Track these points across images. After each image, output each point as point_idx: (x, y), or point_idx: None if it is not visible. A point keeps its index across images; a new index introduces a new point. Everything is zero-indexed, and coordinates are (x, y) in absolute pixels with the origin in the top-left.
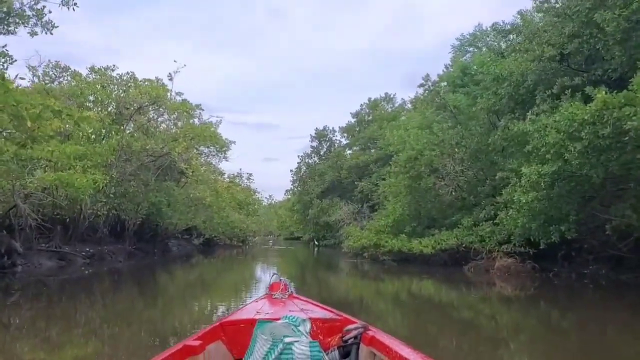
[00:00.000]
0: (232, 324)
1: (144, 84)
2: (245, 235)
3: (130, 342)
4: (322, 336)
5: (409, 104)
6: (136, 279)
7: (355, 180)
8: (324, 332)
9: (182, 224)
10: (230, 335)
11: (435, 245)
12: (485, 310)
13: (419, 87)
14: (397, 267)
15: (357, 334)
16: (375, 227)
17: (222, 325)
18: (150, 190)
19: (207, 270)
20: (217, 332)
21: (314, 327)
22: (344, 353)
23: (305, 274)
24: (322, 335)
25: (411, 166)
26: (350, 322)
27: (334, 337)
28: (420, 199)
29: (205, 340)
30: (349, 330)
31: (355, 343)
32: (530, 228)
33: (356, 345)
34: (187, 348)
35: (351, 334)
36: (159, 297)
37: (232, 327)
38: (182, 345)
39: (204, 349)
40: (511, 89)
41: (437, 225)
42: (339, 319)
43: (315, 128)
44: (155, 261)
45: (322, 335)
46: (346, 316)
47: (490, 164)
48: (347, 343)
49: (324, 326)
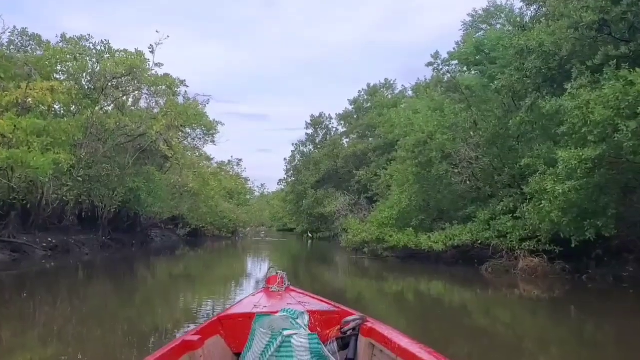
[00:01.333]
0: (230, 319)
1: (120, 54)
2: (236, 226)
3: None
4: (320, 328)
5: (410, 91)
6: (106, 274)
7: (352, 170)
8: (323, 325)
9: (165, 212)
10: (228, 329)
11: (446, 241)
12: (506, 317)
13: (427, 65)
14: (402, 264)
15: (355, 325)
16: (377, 219)
17: (221, 320)
18: (127, 174)
19: (192, 263)
20: (215, 326)
21: (312, 319)
22: (342, 345)
23: (299, 270)
24: (320, 328)
25: (420, 151)
26: (348, 314)
27: (333, 329)
28: (429, 188)
29: (204, 335)
30: (348, 322)
31: (354, 335)
32: (560, 223)
33: (355, 336)
34: (186, 343)
35: (350, 326)
36: (131, 296)
37: (230, 321)
38: (180, 340)
39: (203, 344)
40: (539, 62)
41: (447, 218)
42: (337, 311)
43: (310, 115)
44: (133, 253)
45: (321, 328)
46: (344, 308)
47: (508, 150)
48: (345, 335)
49: (322, 318)
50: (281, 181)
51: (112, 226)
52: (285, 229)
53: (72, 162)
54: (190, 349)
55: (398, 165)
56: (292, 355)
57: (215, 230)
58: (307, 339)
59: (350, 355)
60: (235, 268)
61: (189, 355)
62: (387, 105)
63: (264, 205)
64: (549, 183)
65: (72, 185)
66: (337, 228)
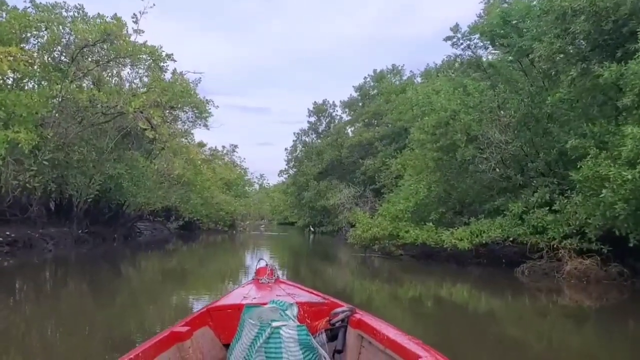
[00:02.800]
0: (219, 310)
1: (96, 20)
2: (234, 220)
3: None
4: (309, 320)
5: (419, 78)
6: (74, 273)
7: (356, 160)
8: (312, 316)
9: (157, 203)
10: (217, 320)
11: (472, 238)
12: (548, 332)
13: (445, 40)
14: (418, 264)
15: (344, 317)
16: (390, 212)
17: (210, 311)
18: (106, 159)
19: (180, 260)
20: (204, 317)
21: (301, 311)
22: (331, 336)
23: (300, 270)
24: (309, 319)
25: (442, 133)
26: (337, 306)
27: (322, 320)
28: (452, 176)
29: (192, 326)
30: (336, 314)
31: (342, 326)
32: (617, 217)
33: (343, 328)
34: (175, 334)
35: (338, 317)
36: (95, 301)
37: (219, 312)
38: (169, 331)
39: (192, 335)
40: (589, 25)
41: (470, 211)
42: (326, 303)
43: (313, 101)
44: (114, 249)
45: (310, 319)
46: (333, 300)
47: (542, 133)
48: (334, 326)
49: (311, 310)
50: (282, 172)
51: (89, 218)
52: (286, 223)
53: (36, 142)
54: (178, 340)
55: (416, 150)
56: (281, 346)
57: (211, 224)
58: (295, 330)
59: (339, 347)
60: (227, 266)
61: (177, 347)
62: (395, 92)
63: (264, 197)
64: (608, 168)
65: (38, 170)
66: (341, 222)
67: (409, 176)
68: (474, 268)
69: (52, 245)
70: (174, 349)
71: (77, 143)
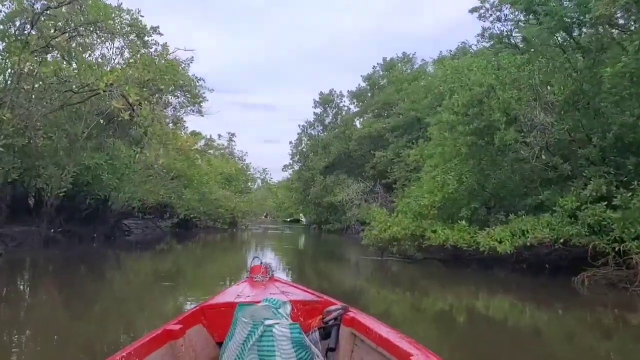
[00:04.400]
0: (212, 308)
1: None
2: (234, 217)
3: None
4: (302, 318)
5: (431, 67)
6: (32, 280)
7: (366, 153)
8: (305, 314)
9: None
10: (210, 319)
11: (514, 240)
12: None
13: (471, 11)
14: (445, 270)
15: (337, 315)
16: (412, 208)
17: (203, 309)
18: (82, 148)
19: (171, 262)
20: (197, 316)
21: (294, 309)
22: (324, 334)
23: (307, 275)
24: (302, 317)
25: (476, 113)
26: (331, 304)
27: (315, 318)
28: (488, 165)
29: (185, 324)
30: (330, 312)
31: (335, 324)
32: None
33: (336, 326)
34: (167, 332)
35: (331, 315)
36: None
37: (212, 310)
38: (161, 330)
39: (184, 333)
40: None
41: (505, 206)
42: (319, 301)
43: (319, 92)
44: (93, 250)
45: (303, 317)
46: (327, 298)
47: (595, 113)
48: (327, 324)
49: (304, 308)
50: (286, 167)
51: (63, 215)
52: (291, 220)
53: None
54: (171, 338)
55: (445, 133)
56: (273, 344)
57: (209, 221)
58: (288, 329)
59: (332, 345)
60: (221, 271)
61: (170, 345)
62: (408, 80)
63: (267, 193)
64: None
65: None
66: (350, 219)
67: (429, 167)
68: (515, 275)
69: (15, 247)
70: (166, 347)
71: (44, 128)
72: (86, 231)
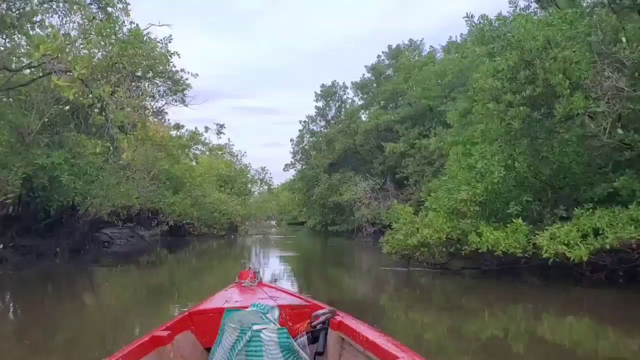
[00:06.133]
0: (200, 314)
1: None
2: (232, 222)
3: None
4: (290, 323)
5: (440, 53)
6: None
7: (373, 148)
8: (293, 319)
9: (140, 204)
10: (199, 324)
11: (589, 243)
12: None
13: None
14: (490, 283)
15: (325, 319)
16: (445, 205)
17: (191, 315)
18: (34, 143)
19: (151, 280)
20: (185, 322)
21: (282, 314)
22: (312, 339)
23: (317, 291)
24: (290, 322)
25: (529, 76)
26: (318, 308)
27: (303, 323)
28: (544, 146)
29: (173, 330)
30: (317, 316)
31: (323, 328)
32: None
33: (324, 330)
34: (155, 339)
35: (319, 320)
36: None
37: (200, 316)
38: (150, 336)
39: (173, 339)
40: None
41: (562, 198)
42: (307, 305)
43: (321, 84)
44: (54, 268)
45: (291, 322)
46: (315, 302)
47: None
48: (315, 329)
49: (292, 313)
50: (288, 166)
51: (17, 227)
52: (295, 223)
53: None
54: (159, 344)
55: (478, 104)
56: (261, 349)
57: (205, 228)
58: (276, 334)
59: (320, 349)
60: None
61: (158, 351)
62: (417, 66)
63: (269, 196)
64: None
65: None
66: (359, 220)
67: (454, 155)
68: (587, 289)
69: None
70: (154, 354)
71: None
72: (47, 245)
